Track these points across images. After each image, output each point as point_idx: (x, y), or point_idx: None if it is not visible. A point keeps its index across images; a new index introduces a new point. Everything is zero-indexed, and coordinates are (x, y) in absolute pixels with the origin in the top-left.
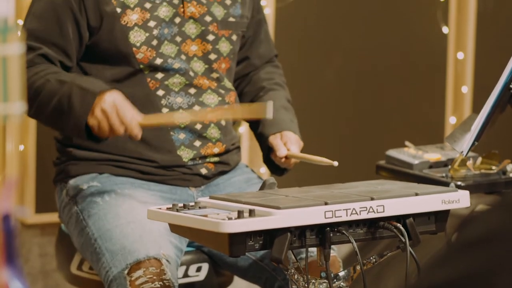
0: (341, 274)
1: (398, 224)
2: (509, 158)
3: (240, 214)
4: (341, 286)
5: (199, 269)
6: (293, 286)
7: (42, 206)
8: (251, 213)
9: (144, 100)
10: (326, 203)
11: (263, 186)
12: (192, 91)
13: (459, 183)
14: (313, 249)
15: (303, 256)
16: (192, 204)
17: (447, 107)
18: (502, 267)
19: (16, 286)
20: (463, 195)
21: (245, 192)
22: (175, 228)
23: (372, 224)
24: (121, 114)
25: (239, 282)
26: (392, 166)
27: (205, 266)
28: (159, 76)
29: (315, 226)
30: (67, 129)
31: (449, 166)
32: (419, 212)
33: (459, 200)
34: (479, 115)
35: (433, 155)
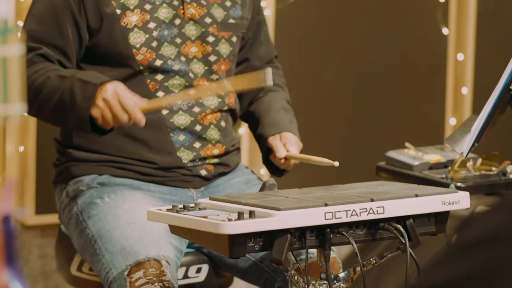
0: (341, 275)
1: (398, 225)
2: (509, 159)
3: (240, 216)
4: (341, 287)
5: (199, 270)
6: (293, 287)
7: (42, 207)
8: (251, 215)
9: None
10: (326, 204)
11: (263, 187)
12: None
13: (459, 184)
14: (313, 250)
15: (303, 257)
16: (192, 206)
17: (447, 108)
18: (502, 269)
19: (16, 287)
20: (463, 196)
21: (245, 193)
22: (175, 229)
23: (372, 225)
24: (123, 102)
25: (239, 283)
26: (392, 167)
27: (205, 267)
28: (159, 78)
29: (315, 227)
30: (71, 124)
31: (449, 167)
32: (419, 213)
33: (459, 201)
34: (479, 116)
35: (433, 156)
